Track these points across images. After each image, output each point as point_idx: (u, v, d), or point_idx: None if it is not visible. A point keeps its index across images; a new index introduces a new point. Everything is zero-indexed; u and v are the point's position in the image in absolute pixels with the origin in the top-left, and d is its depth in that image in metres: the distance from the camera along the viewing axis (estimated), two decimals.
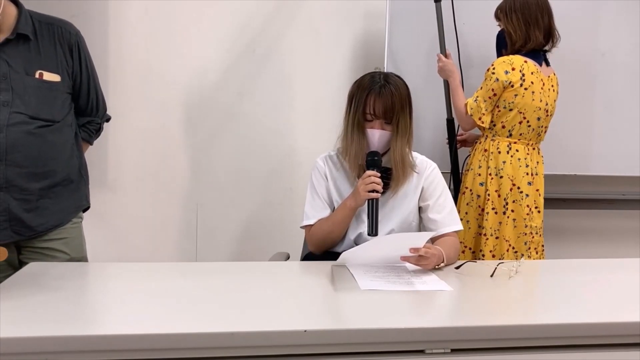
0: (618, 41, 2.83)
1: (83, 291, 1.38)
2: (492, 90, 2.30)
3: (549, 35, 2.36)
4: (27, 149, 1.74)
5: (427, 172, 1.87)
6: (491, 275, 1.60)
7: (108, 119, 2.10)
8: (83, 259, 1.94)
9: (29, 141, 1.74)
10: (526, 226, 2.34)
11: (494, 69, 2.30)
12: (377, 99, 1.76)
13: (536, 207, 2.38)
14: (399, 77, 1.83)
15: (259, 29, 2.92)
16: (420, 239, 1.60)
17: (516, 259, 2.26)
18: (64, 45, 1.83)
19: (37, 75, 1.77)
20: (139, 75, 2.86)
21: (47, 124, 1.78)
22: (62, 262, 1.87)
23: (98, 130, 2.05)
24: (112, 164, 2.89)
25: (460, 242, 2.30)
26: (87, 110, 1.97)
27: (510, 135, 2.36)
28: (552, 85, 2.41)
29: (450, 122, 2.58)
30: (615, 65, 2.84)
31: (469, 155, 2.51)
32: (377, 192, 1.70)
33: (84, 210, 2.00)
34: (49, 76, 1.79)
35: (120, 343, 1.10)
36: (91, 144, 2.06)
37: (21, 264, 1.79)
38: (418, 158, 1.88)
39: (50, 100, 1.80)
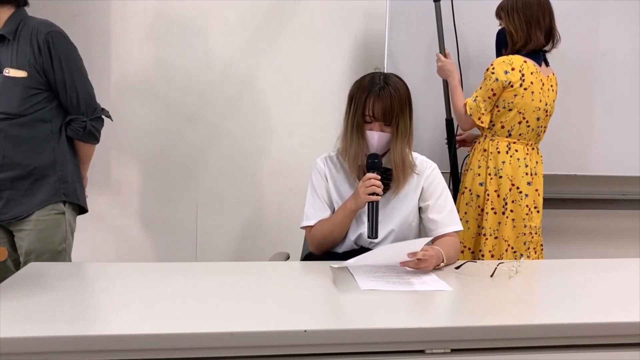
0: (618, 41, 2.83)
1: (83, 291, 1.38)
2: (492, 90, 2.30)
3: (550, 35, 2.35)
4: None
5: (427, 173, 1.86)
6: (491, 275, 1.60)
7: (107, 116, 2.09)
8: (51, 251, 1.95)
9: None
10: (525, 226, 2.34)
11: (493, 68, 2.30)
12: (376, 101, 1.75)
13: (535, 207, 2.38)
14: (399, 78, 1.82)
15: (258, 29, 2.92)
16: (417, 245, 1.58)
17: (515, 258, 2.26)
18: (34, 43, 1.91)
19: (4, 72, 1.89)
20: (138, 75, 2.86)
21: (8, 117, 1.88)
22: (63, 262, 1.87)
23: (85, 128, 1.99)
24: (114, 164, 2.89)
25: (460, 242, 2.30)
26: (68, 107, 2.00)
27: (510, 135, 2.35)
28: (552, 86, 2.41)
29: (449, 122, 2.58)
30: (615, 65, 2.84)
31: (468, 155, 2.50)
32: (377, 194, 1.70)
33: (80, 213, 2.03)
34: (15, 72, 1.89)
35: (120, 343, 1.10)
36: (83, 141, 2.03)
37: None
38: (418, 158, 1.88)
39: (13, 95, 1.89)
